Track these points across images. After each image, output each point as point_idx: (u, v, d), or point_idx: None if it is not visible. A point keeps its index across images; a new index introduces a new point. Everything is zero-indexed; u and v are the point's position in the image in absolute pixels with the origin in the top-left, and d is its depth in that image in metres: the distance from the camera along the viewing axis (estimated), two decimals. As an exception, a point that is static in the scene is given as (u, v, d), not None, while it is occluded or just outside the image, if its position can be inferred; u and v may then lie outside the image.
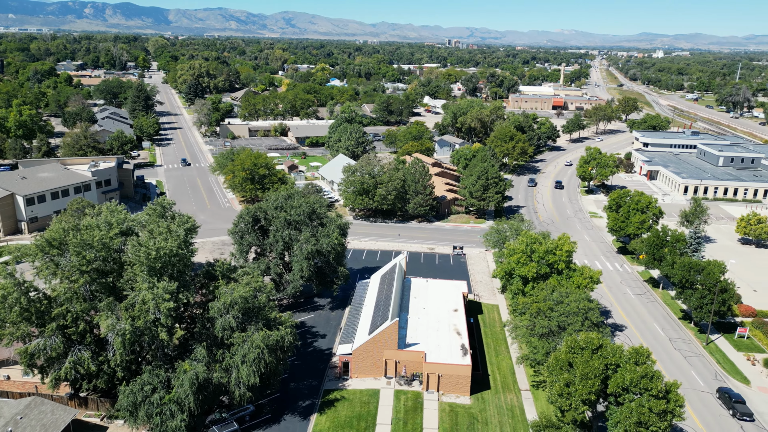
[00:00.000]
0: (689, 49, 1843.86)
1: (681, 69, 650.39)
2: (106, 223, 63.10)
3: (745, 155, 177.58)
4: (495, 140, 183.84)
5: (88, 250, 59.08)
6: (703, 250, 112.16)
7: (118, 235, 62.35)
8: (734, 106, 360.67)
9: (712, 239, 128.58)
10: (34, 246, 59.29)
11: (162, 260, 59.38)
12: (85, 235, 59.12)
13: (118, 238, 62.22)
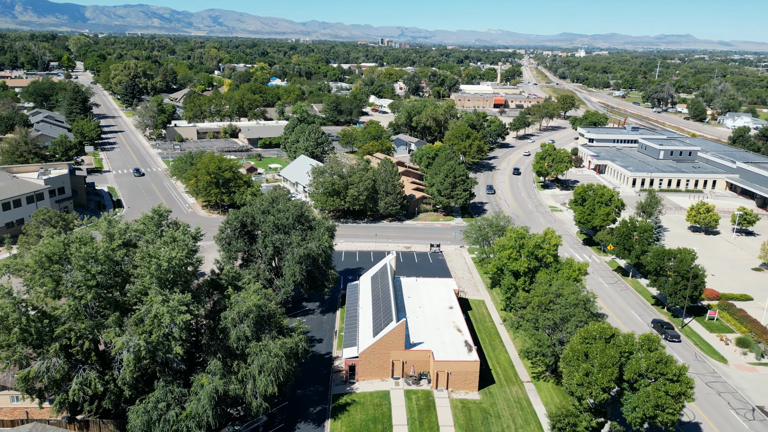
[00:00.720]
0: (607, 48, 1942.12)
1: (605, 67, 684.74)
2: (106, 234, 59.64)
3: (683, 148, 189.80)
4: (452, 138, 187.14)
5: (93, 263, 55.74)
6: (663, 239, 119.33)
7: (121, 247, 59.14)
8: (659, 102, 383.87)
9: (666, 228, 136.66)
10: (32, 262, 55.25)
11: (173, 271, 56.94)
12: (89, 248, 55.69)
13: (121, 249, 59.02)
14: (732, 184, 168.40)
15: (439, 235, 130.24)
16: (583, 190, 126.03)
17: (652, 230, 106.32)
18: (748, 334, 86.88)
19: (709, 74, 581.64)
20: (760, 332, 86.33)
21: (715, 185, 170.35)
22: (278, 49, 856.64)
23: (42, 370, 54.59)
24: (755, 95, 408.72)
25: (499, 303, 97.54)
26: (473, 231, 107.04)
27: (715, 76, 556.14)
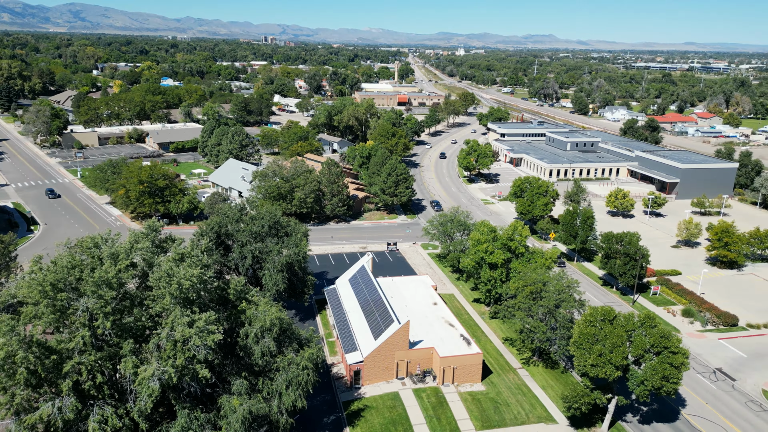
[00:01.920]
0: (482, 47, 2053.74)
1: (488, 65, 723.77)
2: (110, 256, 54.24)
3: (586, 140, 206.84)
4: (378, 137, 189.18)
5: (106, 288, 50.60)
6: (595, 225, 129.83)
7: (128, 268, 54.14)
8: (545, 98, 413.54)
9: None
10: (36, 292, 48.96)
11: (195, 290, 53.26)
12: (101, 272, 50.45)
13: (129, 270, 54.06)
14: (632, 171, 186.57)
15: (389, 233, 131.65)
16: (521, 183, 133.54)
17: (593, 217, 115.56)
18: (689, 305, 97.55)
19: (580, 71, 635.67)
20: (699, 302, 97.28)
21: (619, 173, 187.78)
22: (158, 47, 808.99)
23: (54, 412, 48.71)
24: (623, 90, 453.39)
25: (468, 295, 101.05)
26: (434, 227, 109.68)
27: (586, 72, 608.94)
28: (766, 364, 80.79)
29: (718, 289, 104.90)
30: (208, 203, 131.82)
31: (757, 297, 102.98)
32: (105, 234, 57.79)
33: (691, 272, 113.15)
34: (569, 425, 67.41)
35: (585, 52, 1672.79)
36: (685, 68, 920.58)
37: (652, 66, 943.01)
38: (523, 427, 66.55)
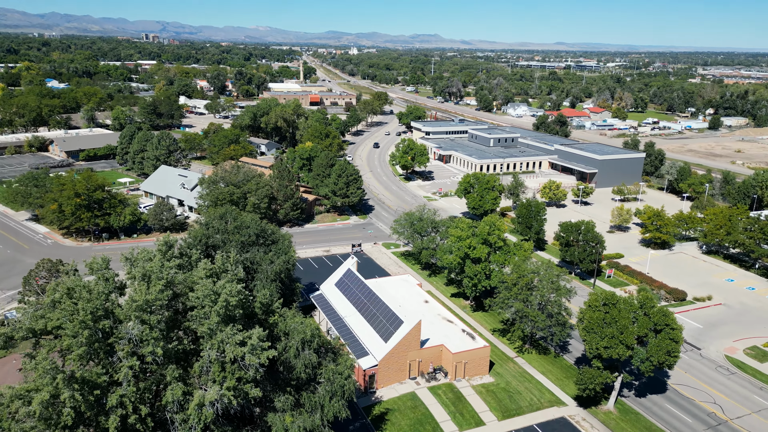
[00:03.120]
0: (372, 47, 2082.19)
1: (387, 65, 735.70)
2: (142, 276, 49.85)
3: (507, 136, 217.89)
4: (311, 138, 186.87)
5: (147, 314, 46.64)
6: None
7: (165, 289, 50.12)
8: (450, 96, 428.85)
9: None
10: (77, 322, 43.88)
11: (242, 306, 50.58)
12: (140, 295, 46.33)
13: (166, 292, 50.07)
14: (553, 163, 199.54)
15: (346, 234, 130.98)
16: (470, 179, 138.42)
17: (545, 209, 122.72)
18: (641, 284, 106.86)
19: (474, 70, 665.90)
20: (649, 281, 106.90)
21: (541, 165, 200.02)
22: (28, 45, 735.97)
23: (102, 453, 44.23)
24: (518, 87, 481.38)
25: (444, 290, 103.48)
26: (403, 227, 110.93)
27: (480, 71, 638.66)
28: (721, 333, 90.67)
29: (658, 268, 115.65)
30: (153, 214, 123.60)
31: (690, 273, 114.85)
32: (128, 254, 53.02)
33: (631, 254, 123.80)
34: (578, 405, 71.75)
35: (471, 52, 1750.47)
36: (562, 66, 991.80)
37: (534, 65, 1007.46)
38: (539, 413, 69.84)
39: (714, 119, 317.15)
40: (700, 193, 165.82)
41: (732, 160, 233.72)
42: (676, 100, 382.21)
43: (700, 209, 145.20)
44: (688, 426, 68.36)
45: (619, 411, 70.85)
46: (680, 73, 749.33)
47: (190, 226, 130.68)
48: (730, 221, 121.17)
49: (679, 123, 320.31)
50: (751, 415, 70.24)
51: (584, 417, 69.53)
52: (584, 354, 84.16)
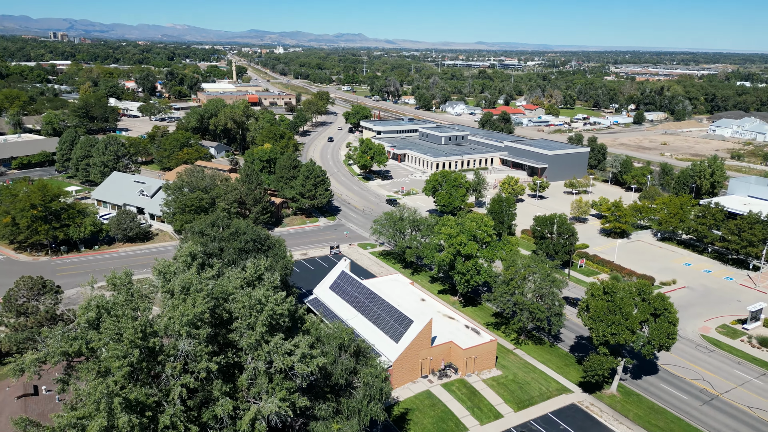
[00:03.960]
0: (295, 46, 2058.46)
1: (319, 64, 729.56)
2: (182, 288, 47.27)
3: (457, 133, 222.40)
4: (266, 139, 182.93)
5: (200, 329, 44.42)
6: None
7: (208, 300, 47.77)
8: (388, 95, 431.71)
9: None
10: (126, 342, 40.94)
11: (287, 315, 49.15)
12: (186, 309, 44.02)
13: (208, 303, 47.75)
14: (504, 159, 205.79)
15: (319, 237, 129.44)
16: (438, 176, 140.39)
17: (515, 204, 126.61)
18: (611, 272, 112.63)
19: (406, 69, 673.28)
20: (618, 269, 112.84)
21: (492, 162, 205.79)
22: None
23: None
24: (452, 86, 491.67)
25: (430, 288, 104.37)
26: (385, 227, 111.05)
27: (411, 70, 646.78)
28: (691, 314, 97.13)
29: (621, 256, 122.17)
30: (115, 224, 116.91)
31: (651, 259, 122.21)
32: (160, 266, 50.13)
33: (595, 244, 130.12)
34: (583, 391, 74.84)
35: (397, 51, 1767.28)
36: (487, 65, 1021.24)
37: (459, 64, 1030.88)
38: (550, 401, 72.26)
39: (638, 114, 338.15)
40: (643, 184, 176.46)
41: (661, 153, 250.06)
42: (601, 97, 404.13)
43: (648, 199, 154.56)
44: (685, 403, 72.94)
45: (621, 394, 74.52)
46: (595, 71, 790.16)
47: (154, 235, 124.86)
48: (681, 209, 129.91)
49: (607, 118, 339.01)
50: (737, 389, 75.90)
51: (591, 402, 72.63)
52: (577, 342, 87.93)
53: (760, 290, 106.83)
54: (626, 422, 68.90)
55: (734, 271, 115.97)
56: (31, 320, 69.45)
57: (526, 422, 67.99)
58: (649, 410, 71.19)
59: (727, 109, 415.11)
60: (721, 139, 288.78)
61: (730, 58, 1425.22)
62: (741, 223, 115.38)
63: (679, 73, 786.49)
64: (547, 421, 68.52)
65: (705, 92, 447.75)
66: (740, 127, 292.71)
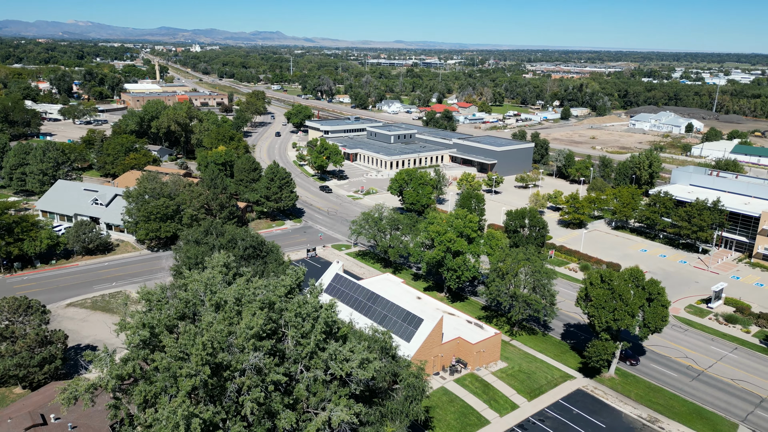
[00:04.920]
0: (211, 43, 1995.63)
1: (244, 63, 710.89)
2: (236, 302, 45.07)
3: (405, 132, 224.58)
4: (215, 141, 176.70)
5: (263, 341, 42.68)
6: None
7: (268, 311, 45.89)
8: (322, 94, 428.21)
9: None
10: (197, 360, 38.53)
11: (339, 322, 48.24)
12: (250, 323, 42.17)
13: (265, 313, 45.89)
14: (453, 156, 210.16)
15: (291, 240, 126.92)
16: (403, 175, 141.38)
17: (484, 199, 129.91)
18: (579, 261, 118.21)
19: (332, 67, 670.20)
20: (586, 258, 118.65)
21: (443, 159, 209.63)
22: None
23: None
24: (384, 85, 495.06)
25: (415, 285, 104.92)
26: (362, 227, 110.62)
27: (342, 69, 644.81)
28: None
29: (584, 245, 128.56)
30: (74, 236, 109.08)
31: (609, 247, 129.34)
32: (206, 278, 47.54)
33: (557, 235, 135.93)
34: (584, 377, 78.30)
35: (319, 49, 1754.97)
36: (410, 63, 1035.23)
37: (383, 62, 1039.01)
38: (557, 389, 75.07)
39: (565, 110, 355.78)
40: (586, 176, 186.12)
41: (592, 146, 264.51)
42: (528, 94, 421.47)
43: (597, 191, 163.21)
44: (676, 380, 78.11)
45: (619, 376, 78.62)
46: (512, 69, 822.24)
47: (115, 246, 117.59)
48: (633, 199, 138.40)
49: (536, 115, 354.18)
50: (717, 363, 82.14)
51: (595, 386, 76.15)
52: (566, 330, 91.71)
53: (713, 271, 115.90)
54: (630, 402, 72.85)
55: (686, 255, 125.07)
56: (19, 344, 63.60)
57: (541, 410, 70.29)
58: (647, 389, 75.59)
59: (639, 104, 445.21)
60: (641, 132, 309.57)
61: (630, 56, 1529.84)
62: (690, 210, 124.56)
63: (589, 70, 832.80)
64: (559, 407, 71.16)
65: (618, 88, 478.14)
66: (657, 121, 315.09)
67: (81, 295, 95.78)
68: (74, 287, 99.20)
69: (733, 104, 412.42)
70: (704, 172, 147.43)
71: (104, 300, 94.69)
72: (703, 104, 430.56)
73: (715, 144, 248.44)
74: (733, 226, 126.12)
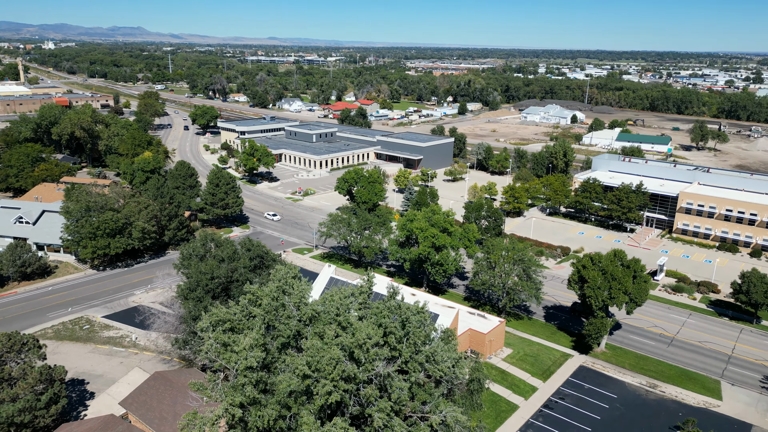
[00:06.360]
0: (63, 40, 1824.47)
1: (115, 61, 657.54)
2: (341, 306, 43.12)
3: (326, 131, 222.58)
4: (133, 148, 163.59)
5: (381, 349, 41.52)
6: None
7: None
8: (215, 93, 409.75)
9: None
10: (335, 375, 36.47)
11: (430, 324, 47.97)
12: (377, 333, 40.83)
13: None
14: (378, 153, 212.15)
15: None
16: (353, 173, 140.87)
17: (437, 194, 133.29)
18: (532, 247, 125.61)
19: (213, 65, 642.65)
20: (537, 244, 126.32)
21: (369, 156, 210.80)
22: None
23: None
24: (278, 82, 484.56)
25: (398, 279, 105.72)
26: (333, 228, 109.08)
27: (226, 67, 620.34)
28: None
29: (528, 232, 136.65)
30: (8, 260, 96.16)
31: (551, 232, 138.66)
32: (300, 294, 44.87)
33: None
34: (580, 353, 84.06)
35: (188, 46, 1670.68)
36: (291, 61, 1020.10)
37: (263, 60, 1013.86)
38: (563, 367, 79.96)
39: (461, 105, 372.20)
40: (505, 168, 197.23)
41: (496, 139, 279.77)
42: (423, 91, 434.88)
43: (523, 180, 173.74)
44: (655, 347, 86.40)
45: (609, 350, 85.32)
46: (393, 66, 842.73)
47: (54, 268, 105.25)
48: (564, 186, 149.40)
49: (437, 110, 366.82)
50: (683, 329, 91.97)
51: (593, 361, 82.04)
52: (547, 312, 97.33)
53: (645, 247, 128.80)
54: (627, 372, 79.51)
55: (617, 235, 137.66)
56: (21, 386, 55.50)
57: (557, 389, 74.57)
58: (636, 359, 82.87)
59: (520, 98, 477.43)
60: (534, 124, 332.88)
61: (496, 53, 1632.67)
62: (619, 193, 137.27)
63: (465, 67, 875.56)
64: (571, 384, 75.91)
65: (500, 84, 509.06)
66: (546, 113, 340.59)
67: (37, 326, 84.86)
68: (24, 317, 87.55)
69: (601, 96, 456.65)
70: (618, 158, 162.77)
71: (67, 328, 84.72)
72: (575, 97, 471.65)
73: (601, 133, 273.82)
74: (654, 205, 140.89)
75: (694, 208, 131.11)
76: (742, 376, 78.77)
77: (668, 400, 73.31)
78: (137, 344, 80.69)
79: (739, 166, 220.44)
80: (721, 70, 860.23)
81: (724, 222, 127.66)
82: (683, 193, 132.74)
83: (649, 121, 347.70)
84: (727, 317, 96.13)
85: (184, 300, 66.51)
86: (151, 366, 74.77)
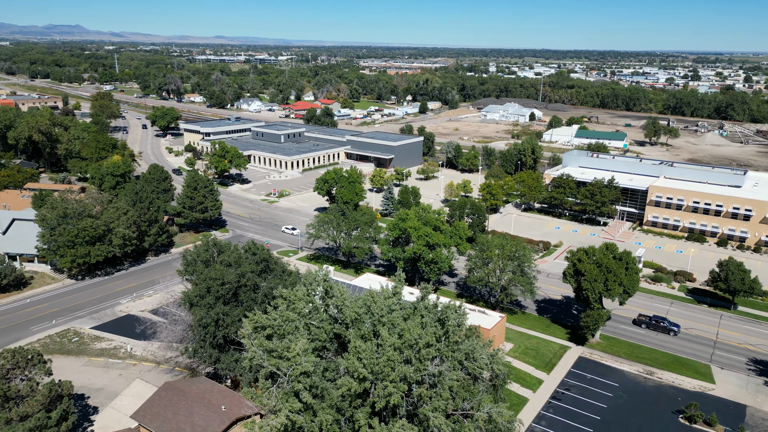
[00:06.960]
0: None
1: (57, 60, 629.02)
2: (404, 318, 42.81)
3: (294, 131, 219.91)
4: (98, 151, 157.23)
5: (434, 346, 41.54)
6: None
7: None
8: (169, 94, 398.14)
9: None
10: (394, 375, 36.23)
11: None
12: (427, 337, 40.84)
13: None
14: (349, 153, 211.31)
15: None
16: (332, 175, 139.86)
17: (419, 194, 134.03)
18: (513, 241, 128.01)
19: (161, 65, 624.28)
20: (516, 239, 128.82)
21: (339, 156, 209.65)
22: None
23: None
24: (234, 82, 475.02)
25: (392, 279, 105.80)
26: (321, 229, 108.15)
27: (176, 67, 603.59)
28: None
29: (506, 227, 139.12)
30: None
31: (528, 227, 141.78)
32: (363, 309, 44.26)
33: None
34: (577, 345, 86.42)
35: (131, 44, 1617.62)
36: (242, 60, 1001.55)
37: (213, 59, 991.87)
38: (564, 359, 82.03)
39: (422, 104, 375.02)
40: (475, 165, 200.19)
41: (459, 137, 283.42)
42: (382, 90, 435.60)
43: (495, 177, 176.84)
44: (645, 335, 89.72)
45: (604, 340, 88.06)
46: (347, 65, 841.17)
47: (30, 279, 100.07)
48: (538, 182, 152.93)
49: (398, 109, 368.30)
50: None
51: (590, 352, 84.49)
52: (538, 306, 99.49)
53: (619, 240, 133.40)
54: (624, 360, 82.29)
55: (592, 228, 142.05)
56: (30, 404, 52.64)
57: (562, 380, 76.45)
58: (630, 347, 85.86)
59: (476, 96, 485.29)
60: (494, 122, 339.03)
61: (445, 53, 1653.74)
62: (592, 188, 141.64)
63: (418, 66, 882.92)
64: (574, 375, 77.96)
65: (456, 82, 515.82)
66: (505, 112, 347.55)
67: (21, 340, 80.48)
68: (6, 332, 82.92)
69: (554, 94, 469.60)
70: (587, 155, 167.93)
71: (55, 342, 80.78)
72: (530, 95, 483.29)
73: (560, 130, 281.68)
74: (624, 199, 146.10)
75: (663, 201, 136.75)
76: (729, 360, 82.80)
77: (666, 386, 76.32)
78: (133, 355, 77.72)
79: (691, 160, 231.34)
80: (660, 68, 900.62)
81: (692, 213, 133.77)
82: (653, 187, 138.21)
83: (602, 118, 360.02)
84: (706, 304, 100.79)
85: (191, 307, 64.46)
86: (153, 377, 72.19)
